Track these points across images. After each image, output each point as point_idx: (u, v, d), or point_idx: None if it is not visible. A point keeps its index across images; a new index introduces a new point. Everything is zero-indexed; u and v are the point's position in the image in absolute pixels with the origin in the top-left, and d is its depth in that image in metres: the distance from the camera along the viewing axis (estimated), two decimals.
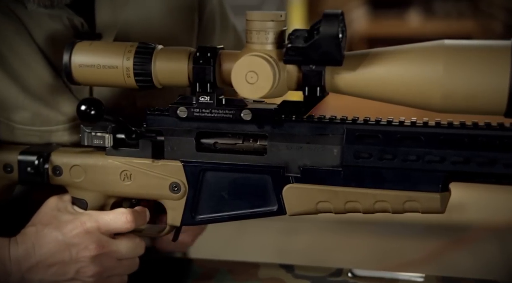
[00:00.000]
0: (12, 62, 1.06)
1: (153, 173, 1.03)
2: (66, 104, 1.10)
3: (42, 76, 1.08)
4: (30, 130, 1.10)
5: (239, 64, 0.93)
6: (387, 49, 0.92)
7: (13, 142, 1.10)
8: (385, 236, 3.45)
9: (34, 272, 1.01)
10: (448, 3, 5.68)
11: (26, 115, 1.09)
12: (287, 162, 0.98)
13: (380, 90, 0.91)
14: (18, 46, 1.07)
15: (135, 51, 0.99)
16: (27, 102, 1.08)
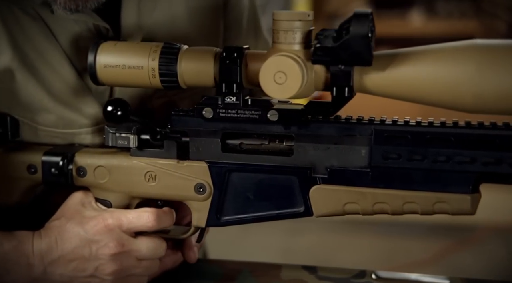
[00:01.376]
0: (39, 65, 1.06)
1: (178, 174, 1.02)
2: (89, 107, 1.10)
3: (66, 79, 1.08)
4: (54, 132, 1.09)
5: (267, 64, 0.93)
6: (417, 48, 0.91)
7: (37, 143, 1.10)
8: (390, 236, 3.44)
9: (55, 266, 1.01)
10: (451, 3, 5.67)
11: (50, 117, 1.08)
12: (314, 163, 0.98)
13: (410, 90, 0.90)
14: (45, 49, 1.06)
15: (160, 51, 0.98)
16: (51, 104, 1.08)
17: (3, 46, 1.04)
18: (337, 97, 0.93)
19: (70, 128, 1.10)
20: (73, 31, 1.08)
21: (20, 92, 1.06)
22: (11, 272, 1.00)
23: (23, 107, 1.07)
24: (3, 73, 1.04)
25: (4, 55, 1.04)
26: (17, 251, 1.00)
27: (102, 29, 1.09)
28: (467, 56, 0.86)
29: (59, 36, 1.07)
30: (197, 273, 1.16)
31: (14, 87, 1.05)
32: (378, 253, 3.37)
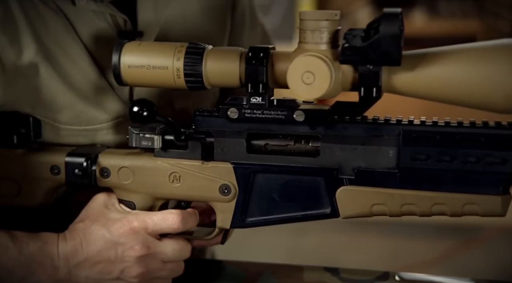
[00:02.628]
0: (61, 60, 1.05)
1: (202, 175, 1.02)
2: (110, 102, 1.09)
3: (88, 74, 1.07)
4: (76, 130, 1.09)
5: (295, 64, 0.92)
6: (446, 48, 0.90)
7: (58, 144, 1.09)
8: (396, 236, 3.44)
9: (81, 268, 1.01)
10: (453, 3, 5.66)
11: (72, 115, 1.08)
12: (340, 164, 0.97)
13: (440, 90, 0.89)
14: (66, 43, 1.06)
15: (185, 51, 0.97)
16: (74, 101, 1.07)
17: (27, 41, 1.03)
18: (365, 97, 0.93)
19: (92, 124, 1.09)
20: (92, 24, 1.07)
21: (43, 89, 1.05)
22: (35, 273, 0.99)
23: (45, 105, 1.07)
24: (28, 68, 1.04)
25: (28, 50, 1.03)
26: (42, 253, 0.99)
27: (120, 21, 1.09)
28: (500, 56, 0.85)
29: (79, 29, 1.06)
30: (218, 275, 1.16)
31: (38, 83, 1.05)
32: (384, 253, 3.36)
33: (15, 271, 0.98)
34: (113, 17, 1.08)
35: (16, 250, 0.98)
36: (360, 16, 5.08)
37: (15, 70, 1.03)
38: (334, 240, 3.48)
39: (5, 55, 1.02)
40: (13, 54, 1.02)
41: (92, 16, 1.07)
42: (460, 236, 3.40)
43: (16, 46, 1.02)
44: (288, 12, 4.00)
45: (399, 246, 3.39)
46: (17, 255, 0.98)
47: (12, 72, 1.03)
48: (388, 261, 3.28)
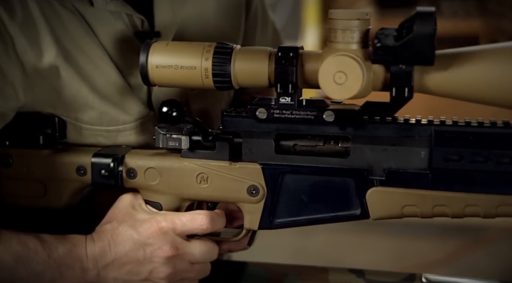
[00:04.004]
0: (81, 61, 1.04)
1: (230, 176, 1.01)
2: (131, 103, 1.09)
3: (108, 75, 1.07)
4: (98, 130, 1.08)
5: (326, 64, 0.91)
6: (480, 47, 0.90)
7: (80, 143, 1.09)
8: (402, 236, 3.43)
9: (109, 269, 1.00)
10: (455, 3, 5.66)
11: (94, 115, 1.07)
12: (371, 165, 0.96)
13: (474, 90, 0.88)
14: (86, 45, 1.05)
15: (213, 51, 0.96)
16: (96, 101, 1.06)
17: (47, 43, 1.02)
18: (397, 97, 0.92)
19: (115, 125, 1.09)
20: (110, 25, 1.06)
21: (64, 90, 1.04)
22: (65, 276, 0.99)
23: (67, 106, 1.06)
24: (48, 70, 1.03)
25: (48, 52, 1.02)
26: (71, 255, 0.99)
27: (137, 21, 1.08)
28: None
29: (97, 30, 1.06)
30: (242, 276, 1.15)
31: (59, 84, 1.04)
32: (389, 253, 3.35)
33: (44, 275, 0.98)
34: (130, 18, 1.07)
35: (45, 254, 0.98)
36: None
37: (35, 72, 1.02)
38: (339, 240, 3.47)
39: (25, 58, 1.01)
40: (34, 57, 1.02)
41: (109, 17, 1.06)
42: (465, 236, 3.39)
43: (36, 48, 1.01)
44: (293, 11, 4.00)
45: (404, 246, 3.38)
46: (47, 258, 0.98)
47: (33, 74, 1.02)
48: (393, 262, 3.27)
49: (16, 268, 0.96)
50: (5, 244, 0.97)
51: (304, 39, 4.01)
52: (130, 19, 1.08)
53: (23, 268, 0.97)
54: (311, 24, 4.09)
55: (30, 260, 0.97)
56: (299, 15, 4.02)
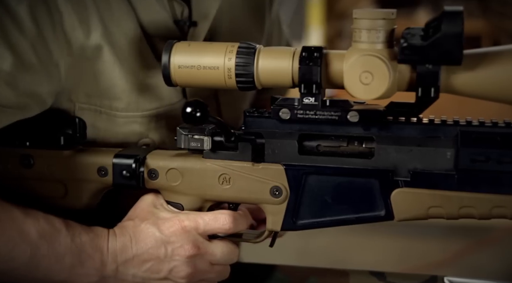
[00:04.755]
0: (122, 44, 1.04)
1: (253, 177, 1.00)
2: (165, 88, 1.07)
3: (146, 59, 1.06)
4: (133, 116, 1.07)
5: (352, 64, 0.90)
6: (508, 47, 0.89)
7: (114, 133, 1.08)
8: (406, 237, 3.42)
9: (129, 265, 1.00)
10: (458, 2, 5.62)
11: (129, 101, 1.06)
12: (395, 166, 0.95)
13: (502, 90, 0.88)
14: (127, 26, 1.04)
15: (236, 51, 0.95)
16: (132, 86, 1.06)
17: (95, 22, 1.01)
18: (423, 97, 0.91)
19: (148, 110, 1.08)
20: (153, 9, 1.06)
21: (104, 75, 1.04)
22: (84, 265, 0.98)
23: (102, 93, 1.05)
24: (93, 51, 1.02)
25: (95, 32, 1.01)
26: (93, 244, 0.99)
27: (177, 9, 1.08)
28: None
29: (140, 14, 1.05)
30: (263, 280, 1.14)
31: (100, 67, 1.03)
32: (394, 254, 3.35)
33: (65, 258, 0.97)
34: (171, 4, 1.07)
35: (69, 237, 0.97)
36: None
37: (81, 52, 1.01)
38: (343, 241, 3.46)
39: (73, 35, 1.00)
40: (82, 35, 1.01)
41: (152, 2, 1.06)
42: (470, 236, 3.38)
43: (85, 26, 1.00)
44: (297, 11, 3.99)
45: (409, 247, 3.37)
46: (69, 242, 0.97)
47: (78, 54, 1.01)
48: (398, 262, 3.27)
49: (38, 244, 0.96)
50: (32, 218, 0.97)
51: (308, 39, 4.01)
52: (171, 5, 1.08)
53: (45, 245, 0.96)
54: (315, 24, 4.08)
55: (54, 239, 0.97)
56: (303, 15, 4.01)
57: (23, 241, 0.95)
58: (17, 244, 0.94)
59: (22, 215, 0.96)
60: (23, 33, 0.96)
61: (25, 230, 0.95)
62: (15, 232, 0.95)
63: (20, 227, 0.95)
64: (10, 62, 0.95)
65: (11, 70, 0.95)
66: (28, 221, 0.96)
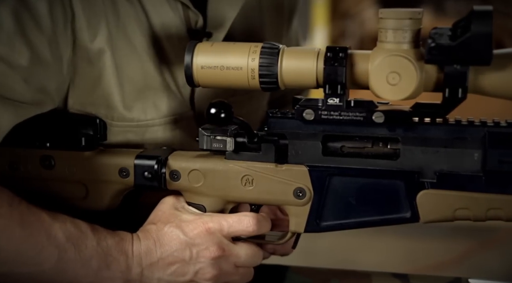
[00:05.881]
0: (123, 49, 1.03)
1: (276, 178, 0.99)
2: (166, 99, 1.07)
3: (146, 68, 1.05)
4: (128, 126, 1.06)
5: (379, 65, 0.90)
6: None
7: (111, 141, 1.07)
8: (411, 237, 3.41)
9: (154, 269, 0.99)
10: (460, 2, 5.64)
11: (123, 111, 1.05)
12: (421, 167, 0.94)
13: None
14: (133, 32, 1.03)
15: (260, 51, 0.94)
16: (129, 95, 1.04)
17: (102, 26, 1.01)
18: (450, 98, 0.90)
19: (144, 121, 1.07)
20: (166, 16, 1.05)
21: (102, 81, 1.03)
22: (110, 268, 0.97)
23: (98, 101, 1.04)
24: (95, 54, 1.01)
25: (100, 36, 1.01)
26: (118, 247, 0.98)
27: (192, 18, 1.07)
28: None
29: (153, 19, 1.04)
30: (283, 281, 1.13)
31: (100, 73, 1.02)
32: (399, 254, 3.34)
33: (91, 261, 0.96)
34: (186, 12, 1.06)
35: (95, 240, 0.97)
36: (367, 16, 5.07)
37: (84, 53, 1.01)
38: (349, 241, 3.45)
39: (80, 35, 1.00)
40: (88, 37, 1.00)
41: (167, 8, 1.05)
42: (475, 237, 3.37)
43: (92, 29, 1.00)
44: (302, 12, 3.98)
45: (414, 247, 3.37)
46: (95, 245, 0.97)
47: (81, 55, 1.00)
48: (404, 262, 3.26)
49: (66, 247, 0.95)
50: (59, 221, 0.96)
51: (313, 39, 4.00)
52: (186, 14, 1.06)
53: (72, 249, 0.96)
54: (320, 24, 4.08)
55: (80, 242, 0.96)
56: (307, 15, 4.00)
57: (51, 244, 0.94)
58: (45, 247, 0.94)
59: (50, 218, 0.95)
60: (40, 30, 0.95)
61: (53, 233, 0.95)
62: (43, 235, 0.94)
63: (48, 230, 0.94)
64: (27, 58, 0.95)
65: (27, 66, 0.95)
66: (55, 224, 0.95)
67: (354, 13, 4.56)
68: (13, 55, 0.94)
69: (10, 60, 0.94)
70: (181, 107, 1.09)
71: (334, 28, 4.28)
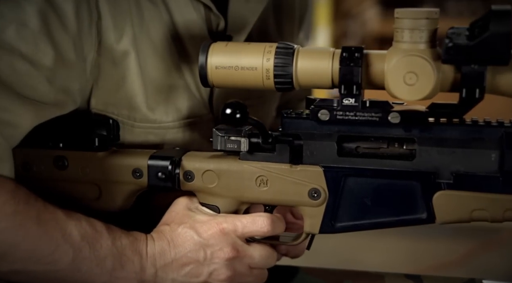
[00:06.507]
0: (147, 54, 1.03)
1: (291, 179, 0.98)
2: (186, 100, 1.07)
3: (168, 70, 1.05)
4: (150, 127, 1.06)
5: (396, 65, 0.89)
6: None
7: (130, 142, 1.07)
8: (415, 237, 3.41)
9: (168, 270, 0.98)
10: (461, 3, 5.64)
11: (147, 112, 1.05)
12: (438, 168, 0.94)
13: None
14: (155, 33, 1.03)
15: (275, 51, 0.94)
16: (151, 98, 1.04)
17: (127, 28, 1.00)
18: (467, 98, 0.89)
19: (165, 122, 1.07)
20: (189, 16, 1.05)
21: (125, 83, 1.03)
22: (125, 268, 0.97)
23: (121, 102, 1.04)
24: (121, 56, 1.01)
25: (125, 37, 1.00)
26: (132, 247, 0.97)
27: (213, 20, 1.07)
28: None
29: (175, 18, 1.04)
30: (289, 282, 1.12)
31: (123, 75, 1.02)
32: (403, 254, 3.34)
33: (106, 260, 0.96)
34: (208, 15, 1.06)
35: (109, 239, 0.96)
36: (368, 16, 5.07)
37: (109, 54, 1.00)
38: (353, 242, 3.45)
39: (106, 36, 0.99)
40: (113, 37, 1.00)
41: (190, 9, 1.04)
42: (478, 237, 3.37)
43: (118, 30, 1.00)
44: None
45: (417, 248, 3.36)
46: (110, 245, 0.96)
47: (106, 55, 1.00)
48: (406, 263, 3.26)
49: (81, 246, 0.95)
50: (75, 220, 0.96)
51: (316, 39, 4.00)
52: (207, 16, 1.06)
53: (87, 248, 0.95)
54: (323, 24, 4.08)
55: (95, 241, 0.96)
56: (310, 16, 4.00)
57: (66, 242, 0.94)
58: (60, 245, 0.93)
59: (65, 216, 0.95)
60: (66, 30, 0.95)
61: (68, 232, 0.94)
62: (58, 233, 0.93)
63: (63, 229, 0.94)
64: (51, 58, 0.94)
65: (51, 66, 0.94)
66: (70, 222, 0.95)
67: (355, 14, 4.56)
68: (38, 55, 0.93)
69: (34, 59, 0.93)
70: (200, 109, 1.09)
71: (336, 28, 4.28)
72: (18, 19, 0.92)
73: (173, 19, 1.04)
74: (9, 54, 0.91)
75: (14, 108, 0.92)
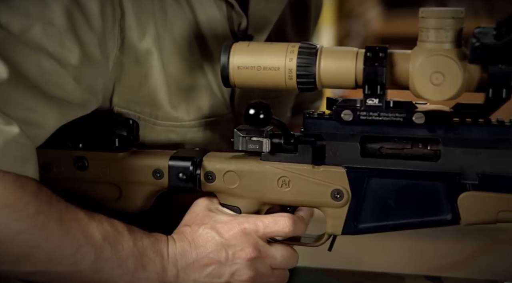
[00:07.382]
0: (169, 48, 1.02)
1: (313, 180, 0.97)
2: (207, 99, 1.07)
3: (191, 68, 1.05)
4: (172, 126, 1.06)
5: (423, 65, 0.88)
6: None
7: (152, 141, 1.07)
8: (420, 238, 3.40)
9: (189, 271, 0.98)
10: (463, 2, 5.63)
11: (169, 110, 1.05)
12: (463, 169, 0.93)
13: None
14: (178, 32, 1.03)
15: (297, 51, 0.93)
16: (174, 96, 1.04)
17: (150, 27, 1.00)
18: (493, 98, 0.89)
19: (186, 121, 1.07)
20: (212, 13, 1.05)
21: (148, 81, 1.02)
22: (146, 268, 0.96)
23: (143, 100, 1.03)
24: (143, 54, 1.01)
25: (148, 35, 1.00)
26: (154, 248, 0.97)
27: (235, 19, 1.06)
28: None
29: (198, 15, 1.04)
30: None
31: (146, 73, 1.02)
32: (408, 255, 3.33)
33: (127, 261, 0.95)
34: (230, 14, 1.06)
35: (131, 240, 0.95)
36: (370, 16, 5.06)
37: (131, 52, 1.00)
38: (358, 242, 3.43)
39: (129, 34, 0.99)
40: (136, 36, 0.99)
41: (213, 8, 1.04)
42: (483, 238, 3.37)
43: (141, 29, 0.99)
44: None
45: (422, 248, 3.35)
46: (132, 245, 0.95)
47: (128, 53, 1.00)
48: (411, 263, 3.25)
49: (102, 247, 0.94)
50: (97, 221, 0.95)
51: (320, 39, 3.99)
52: (229, 15, 1.06)
53: (108, 248, 0.94)
54: (327, 25, 4.07)
55: (117, 242, 0.95)
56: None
57: (88, 243, 0.93)
58: (82, 245, 0.92)
59: (87, 217, 0.94)
60: (91, 29, 0.94)
61: (90, 232, 0.93)
62: (80, 234, 0.92)
63: (85, 229, 0.93)
64: (78, 57, 0.93)
65: (78, 65, 0.93)
66: (92, 223, 0.94)
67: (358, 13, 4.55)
68: (64, 53, 0.92)
69: (61, 58, 0.92)
70: (221, 108, 1.09)
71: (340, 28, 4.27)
72: (44, 18, 0.90)
73: (196, 18, 1.03)
74: (36, 53, 0.90)
75: (40, 108, 0.91)
